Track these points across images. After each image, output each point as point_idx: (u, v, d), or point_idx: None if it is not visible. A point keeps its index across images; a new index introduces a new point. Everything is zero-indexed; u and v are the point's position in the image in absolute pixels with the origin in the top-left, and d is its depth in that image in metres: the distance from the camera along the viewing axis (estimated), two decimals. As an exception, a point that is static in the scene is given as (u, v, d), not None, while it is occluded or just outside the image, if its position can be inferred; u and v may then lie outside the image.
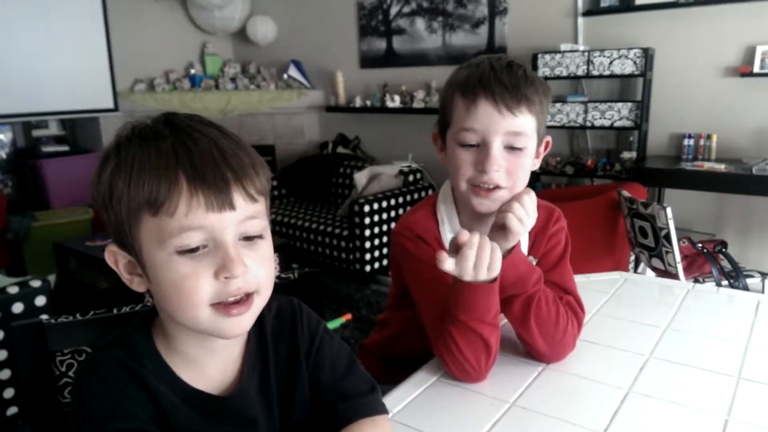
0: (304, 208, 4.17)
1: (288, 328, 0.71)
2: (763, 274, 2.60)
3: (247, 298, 0.59)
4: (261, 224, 0.60)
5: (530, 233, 0.97)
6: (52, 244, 3.27)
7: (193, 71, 4.72)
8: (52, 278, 3.18)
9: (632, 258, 3.09)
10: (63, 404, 0.82)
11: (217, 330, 0.59)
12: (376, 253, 3.61)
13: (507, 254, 0.86)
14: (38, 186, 4.01)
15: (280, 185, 4.44)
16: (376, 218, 3.53)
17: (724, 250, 2.66)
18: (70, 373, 0.81)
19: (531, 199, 0.85)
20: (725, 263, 2.62)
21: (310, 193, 4.38)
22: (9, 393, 2.01)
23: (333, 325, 3.01)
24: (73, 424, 0.61)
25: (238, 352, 0.68)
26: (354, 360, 0.74)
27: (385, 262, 3.66)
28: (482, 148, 0.87)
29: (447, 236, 0.96)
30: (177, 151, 0.56)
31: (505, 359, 0.94)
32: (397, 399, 0.85)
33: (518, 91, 0.85)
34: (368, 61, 4.43)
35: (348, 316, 3.11)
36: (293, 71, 4.66)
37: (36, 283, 2.06)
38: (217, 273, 0.56)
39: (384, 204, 3.57)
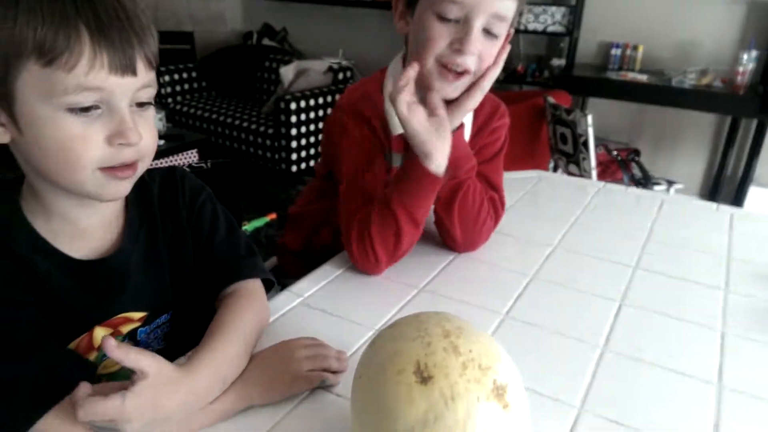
0: (226, 103, 3.94)
1: (171, 195, 0.70)
2: (669, 182, 2.76)
3: (133, 163, 0.57)
4: (152, 92, 0.58)
5: (474, 124, 0.94)
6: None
7: (96, -60, 4.16)
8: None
9: (551, 165, 3.19)
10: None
11: (99, 193, 0.57)
12: (303, 153, 3.52)
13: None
14: None
15: (200, 77, 4.15)
16: (303, 117, 3.40)
17: (636, 158, 2.79)
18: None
19: (494, 74, 0.83)
20: (637, 171, 2.76)
21: (232, 87, 4.13)
22: None
23: (257, 224, 2.96)
24: None
25: (116, 212, 0.65)
26: (234, 225, 0.75)
27: (312, 162, 3.59)
28: (462, 26, 0.78)
29: (393, 116, 0.90)
30: (76, 0, 0.50)
31: (419, 249, 0.94)
32: (309, 284, 0.84)
33: None
34: (297, -58, 4.07)
35: (273, 216, 3.06)
36: (213, -52, 4.21)
37: None
38: (111, 138, 0.54)
39: (312, 102, 3.43)
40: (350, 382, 0.52)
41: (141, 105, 0.57)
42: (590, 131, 2.42)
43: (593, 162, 2.50)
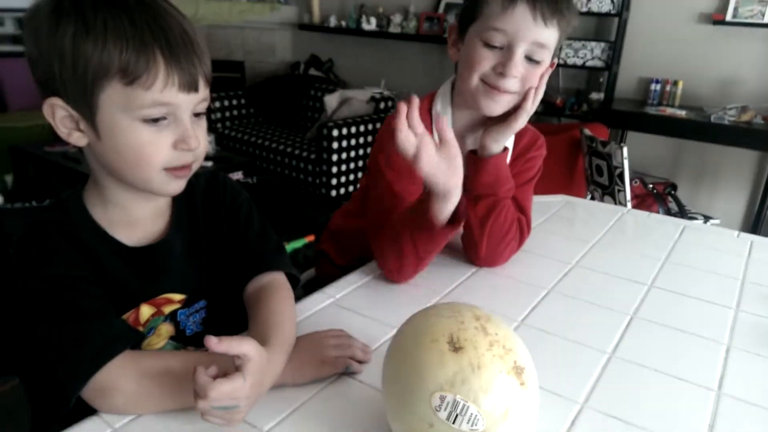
0: (272, 129, 4.13)
1: (214, 195, 0.81)
2: (706, 217, 2.74)
3: (189, 164, 0.68)
4: (207, 104, 0.68)
5: (513, 151, 1.02)
6: (9, 148, 3.19)
7: (161, -24, 4.48)
8: (9, 178, 3.13)
9: (588, 197, 3.20)
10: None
11: (162, 189, 0.67)
12: (343, 179, 3.64)
13: (494, 156, 0.94)
14: (-6, 87, 3.84)
15: (248, 104, 4.36)
16: (344, 143, 3.53)
17: (673, 192, 2.79)
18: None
19: (538, 98, 0.91)
20: (673, 205, 2.75)
21: (278, 113, 4.32)
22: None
23: (296, 244, 3.07)
24: (19, 283, 0.65)
25: (165, 205, 0.75)
26: (267, 225, 0.84)
27: (351, 188, 3.70)
28: (506, 52, 0.87)
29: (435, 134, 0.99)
30: (152, 29, 0.60)
31: (446, 261, 1.02)
32: (340, 288, 0.92)
33: (556, 3, 0.86)
34: (346, -21, 4.28)
35: (310, 237, 3.17)
36: (267, -16, 4.47)
37: (-8, 181, 2.04)
38: (176, 144, 0.64)
39: (353, 129, 3.56)
40: (374, 371, 0.60)
41: (197, 115, 0.67)
42: (626, 163, 2.45)
43: (628, 194, 2.51)
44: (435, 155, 0.76)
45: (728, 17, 2.94)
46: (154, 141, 0.63)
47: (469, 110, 0.97)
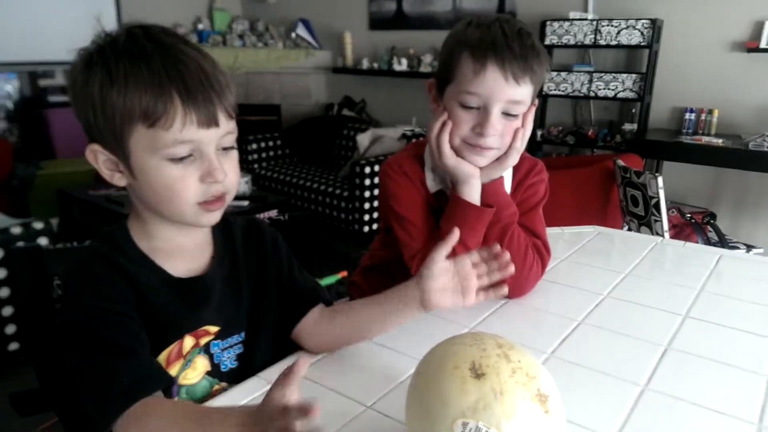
0: (306, 168, 4.22)
1: (254, 236, 0.84)
2: (749, 247, 2.64)
3: (221, 196, 0.70)
4: (234, 137, 0.71)
5: (513, 181, 1.03)
6: (56, 192, 3.34)
7: (200, 26, 4.72)
8: (54, 221, 3.27)
9: (625, 228, 3.14)
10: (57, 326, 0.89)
11: (197, 221, 0.71)
12: (375, 215, 3.67)
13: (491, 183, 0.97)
14: (44, 135, 4.06)
15: (284, 145, 4.48)
16: (376, 180, 3.58)
17: (712, 221, 2.70)
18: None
19: (526, 135, 0.94)
20: (713, 235, 2.67)
21: (313, 153, 4.42)
22: (11, 329, 2.10)
23: (329, 280, 3.09)
24: (61, 314, 0.68)
25: (205, 240, 0.78)
26: (298, 264, 0.88)
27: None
28: (482, 112, 0.90)
29: (429, 176, 1.02)
30: (169, 72, 0.63)
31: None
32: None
33: (526, 61, 0.88)
34: (377, 22, 4.42)
35: (344, 273, 3.19)
36: (301, 30, 4.65)
37: (39, 225, 2.14)
38: (203, 178, 0.67)
39: (385, 166, 3.61)
40: (399, 404, 0.60)
41: (225, 149, 0.69)
42: (661, 193, 2.40)
43: (665, 224, 2.45)
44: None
45: (763, 44, 2.90)
46: (181, 177, 0.66)
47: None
